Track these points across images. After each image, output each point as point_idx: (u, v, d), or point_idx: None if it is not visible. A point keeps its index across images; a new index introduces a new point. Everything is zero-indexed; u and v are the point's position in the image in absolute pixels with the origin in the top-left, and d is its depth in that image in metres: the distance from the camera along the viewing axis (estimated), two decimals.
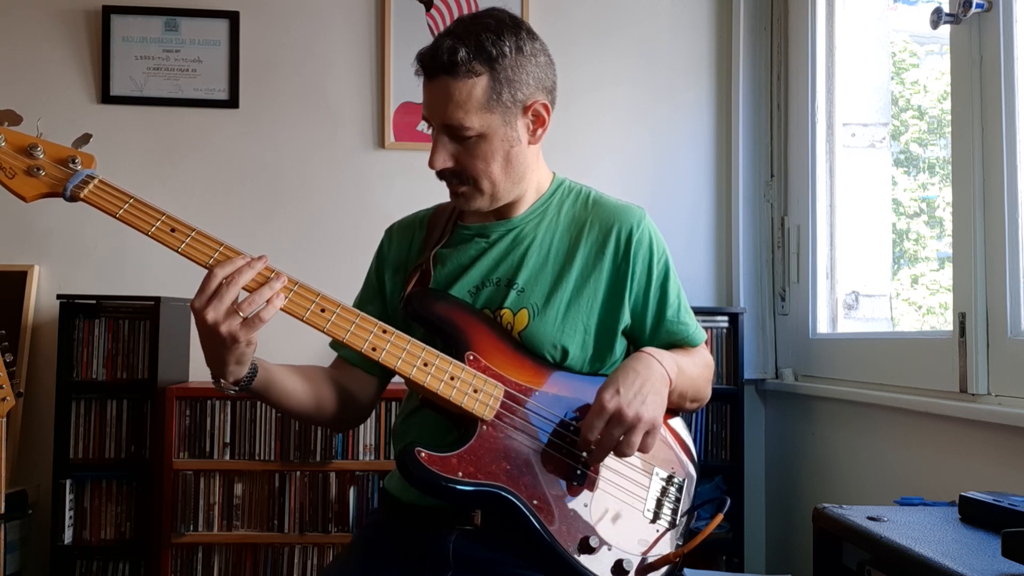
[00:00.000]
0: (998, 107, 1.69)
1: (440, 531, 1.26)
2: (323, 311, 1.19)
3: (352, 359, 1.40)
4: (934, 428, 1.86)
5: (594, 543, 1.21)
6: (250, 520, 2.38)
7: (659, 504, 1.31)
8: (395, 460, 1.21)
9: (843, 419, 2.27)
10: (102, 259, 2.63)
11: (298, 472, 2.38)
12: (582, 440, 1.22)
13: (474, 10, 2.69)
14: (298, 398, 1.30)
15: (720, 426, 2.52)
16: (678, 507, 1.33)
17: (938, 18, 1.78)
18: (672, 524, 1.31)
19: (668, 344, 1.38)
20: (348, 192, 2.71)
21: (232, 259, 1.15)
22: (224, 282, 1.12)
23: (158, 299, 2.38)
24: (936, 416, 1.83)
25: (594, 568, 1.21)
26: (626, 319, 1.36)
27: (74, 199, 1.16)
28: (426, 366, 1.22)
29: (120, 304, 2.45)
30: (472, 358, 1.26)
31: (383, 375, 1.42)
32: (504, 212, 1.37)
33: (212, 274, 1.12)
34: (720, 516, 1.29)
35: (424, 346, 1.23)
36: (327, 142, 2.71)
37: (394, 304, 1.40)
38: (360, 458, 2.39)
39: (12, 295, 2.54)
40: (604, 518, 1.25)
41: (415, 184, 2.54)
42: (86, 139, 1.21)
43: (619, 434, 1.19)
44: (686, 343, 1.40)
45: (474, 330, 1.29)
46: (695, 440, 1.89)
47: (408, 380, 1.24)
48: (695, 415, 2.49)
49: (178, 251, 1.16)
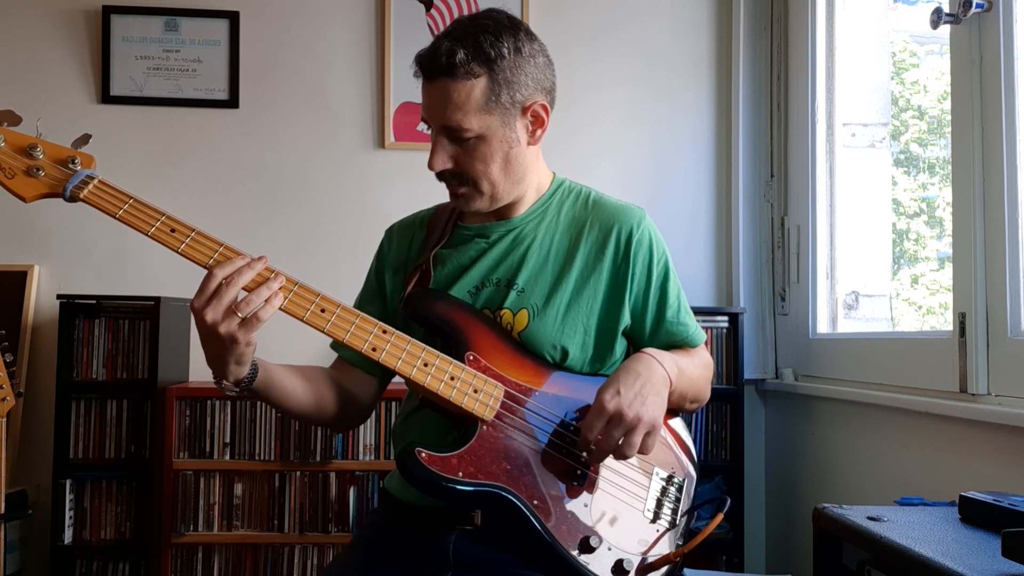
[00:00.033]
0: (998, 107, 1.69)
1: (440, 531, 1.26)
2: (323, 311, 1.19)
3: (352, 359, 1.40)
4: (934, 428, 1.86)
5: (594, 543, 1.21)
6: (250, 520, 2.38)
7: (659, 504, 1.31)
8: (395, 460, 1.21)
9: (843, 419, 2.27)
10: (102, 259, 2.63)
11: (298, 472, 2.38)
12: (582, 440, 1.22)
13: (474, 10, 2.71)
14: (298, 398, 1.30)
15: (720, 426, 2.52)
16: (678, 507, 1.33)
17: (938, 18, 1.78)
18: (672, 524, 1.31)
19: (668, 345, 1.38)
20: (348, 192, 2.71)
21: (232, 259, 1.15)
22: (224, 283, 1.12)
23: (158, 299, 2.38)
24: (936, 416, 1.83)
25: (594, 568, 1.21)
26: (626, 319, 1.36)
27: (74, 199, 1.16)
28: (426, 366, 1.22)
29: (120, 304, 2.45)
30: (472, 358, 1.26)
31: (383, 375, 1.42)
32: (504, 212, 1.37)
33: (212, 274, 1.13)
34: (720, 516, 1.29)
35: (424, 346, 1.23)
36: (327, 142, 2.71)
37: (394, 304, 1.40)
38: (360, 458, 2.39)
39: (12, 295, 2.54)
40: (604, 518, 1.25)
41: (415, 184, 2.54)
42: (86, 139, 1.21)
43: (619, 435, 1.19)
44: (686, 344, 1.40)
45: (474, 330, 1.29)
46: (695, 440, 1.90)
47: (408, 380, 1.24)
48: (695, 415, 2.49)
49: (178, 251, 1.16)
